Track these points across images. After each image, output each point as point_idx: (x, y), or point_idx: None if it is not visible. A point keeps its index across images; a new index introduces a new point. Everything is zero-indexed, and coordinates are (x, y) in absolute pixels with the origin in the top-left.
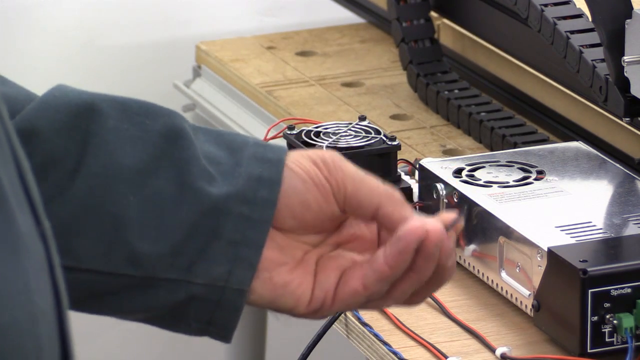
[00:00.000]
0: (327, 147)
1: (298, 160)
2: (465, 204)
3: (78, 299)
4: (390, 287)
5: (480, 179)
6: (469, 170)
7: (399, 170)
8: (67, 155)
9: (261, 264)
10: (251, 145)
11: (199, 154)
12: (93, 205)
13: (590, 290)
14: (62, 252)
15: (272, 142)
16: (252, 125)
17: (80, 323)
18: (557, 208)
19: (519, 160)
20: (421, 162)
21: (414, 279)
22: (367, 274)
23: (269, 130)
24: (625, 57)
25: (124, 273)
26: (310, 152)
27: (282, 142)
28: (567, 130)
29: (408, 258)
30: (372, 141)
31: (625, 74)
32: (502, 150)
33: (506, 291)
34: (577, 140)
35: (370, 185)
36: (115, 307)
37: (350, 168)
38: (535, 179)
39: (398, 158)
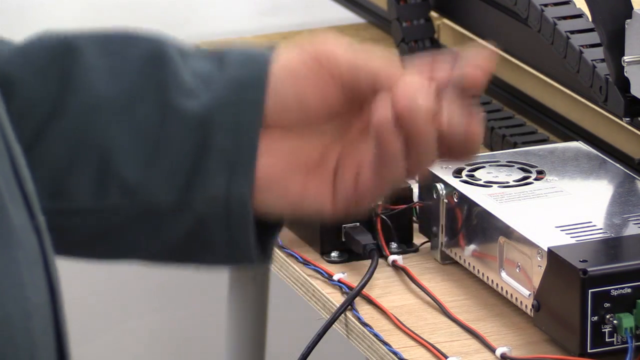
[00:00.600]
0: None
1: (287, 58)
2: (465, 204)
3: (88, 243)
4: (406, 161)
5: (480, 179)
6: (469, 170)
7: None
8: (46, 97)
9: (269, 172)
10: (235, 51)
11: (182, 74)
12: (78, 142)
13: (590, 290)
14: (56, 194)
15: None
16: None
17: (80, 323)
18: (557, 208)
19: (519, 160)
20: None
21: (420, 147)
22: (368, 170)
23: None
24: (625, 57)
25: (121, 206)
26: (301, 48)
27: None
28: (567, 130)
29: (391, 139)
30: None
31: (625, 74)
32: (502, 150)
33: (506, 291)
34: (577, 140)
35: (366, 66)
36: (128, 246)
37: (343, 54)
38: (535, 179)
39: None
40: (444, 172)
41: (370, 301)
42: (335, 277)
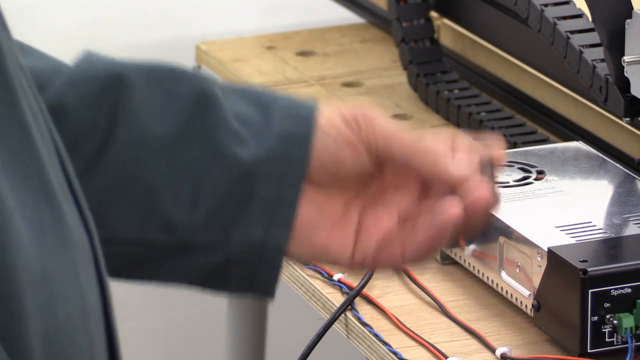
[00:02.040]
0: None
1: (329, 118)
2: None
3: (115, 269)
4: None
5: None
6: None
7: None
8: (96, 129)
9: (298, 224)
10: (281, 101)
11: (229, 117)
12: (125, 176)
13: (590, 290)
14: (97, 225)
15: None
16: None
17: None
18: (557, 208)
19: (519, 160)
20: None
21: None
22: (406, 248)
23: None
24: (625, 57)
25: (160, 241)
26: (343, 108)
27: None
28: (567, 130)
29: (446, 236)
30: None
31: (625, 74)
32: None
33: (506, 291)
34: (577, 140)
35: (402, 140)
36: (154, 275)
37: (382, 123)
38: (535, 179)
39: None
40: None
41: (370, 301)
42: (335, 277)
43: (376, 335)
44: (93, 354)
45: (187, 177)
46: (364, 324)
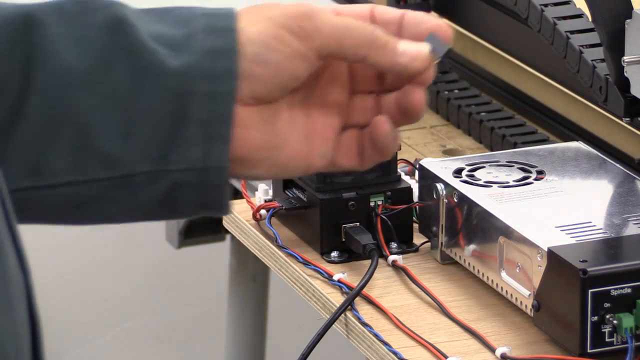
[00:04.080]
0: None
1: (273, 31)
2: (465, 204)
3: (62, 213)
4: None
5: (480, 179)
6: (469, 170)
7: (399, 170)
8: (13, 76)
9: (256, 147)
10: (199, 17)
11: (145, 38)
12: (53, 118)
13: (590, 290)
14: (34, 171)
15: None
16: None
17: (79, 323)
18: (557, 208)
19: (519, 160)
20: (421, 162)
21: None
22: (365, 148)
23: None
24: (625, 57)
25: (101, 177)
26: (281, 15)
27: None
28: (567, 130)
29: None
30: None
31: (625, 74)
32: (502, 150)
33: (506, 291)
34: (577, 140)
35: (352, 37)
36: (101, 213)
37: (329, 22)
38: (535, 179)
39: (398, 158)
40: (444, 172)
41: (370, 301)
42: (335, 277)
43: (376, 335)
44: None
45: (115, 107)
46: (364, 324)
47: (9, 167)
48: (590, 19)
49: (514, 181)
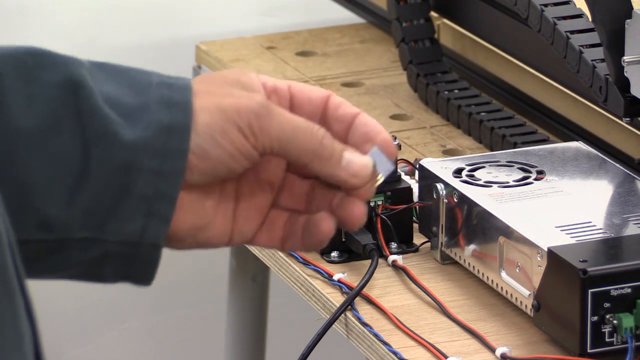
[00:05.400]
0: None
1: (221, 126)
2: (465, 204)
3: None
4: None
5: (480, 179)
6: (469, 170)
7: (399, 170)
8: None
9: (183, 229)
10: (155, 86)
11: (100, 103)
12: None
13: (590, 290)
14: None
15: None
16: None
17: (79, 323)
18: (557, 208)
19: (519, 160)
20: (421, 162)
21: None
22: (288, 237)
23: None
24: (625, 57)
25: (37, 239)
26: (235, 112)
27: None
28: (567, 130)
29: (320, 245)
30: None
31: (625, 74)
32: (502, 150)
33: (506, 291)
34: (577, 140)
35: (298, 145)
36: (32, 271)
37: (278, 127)
38: (535, 179)
39: (398, 158)
40: (444, 172)
41: (370, 301)
42: (335, 277)
43: (376, 335)
44: None
45: (60, 171)
46: (364, 324)
47: None
48: (590, 19)
49: (514, 181)
